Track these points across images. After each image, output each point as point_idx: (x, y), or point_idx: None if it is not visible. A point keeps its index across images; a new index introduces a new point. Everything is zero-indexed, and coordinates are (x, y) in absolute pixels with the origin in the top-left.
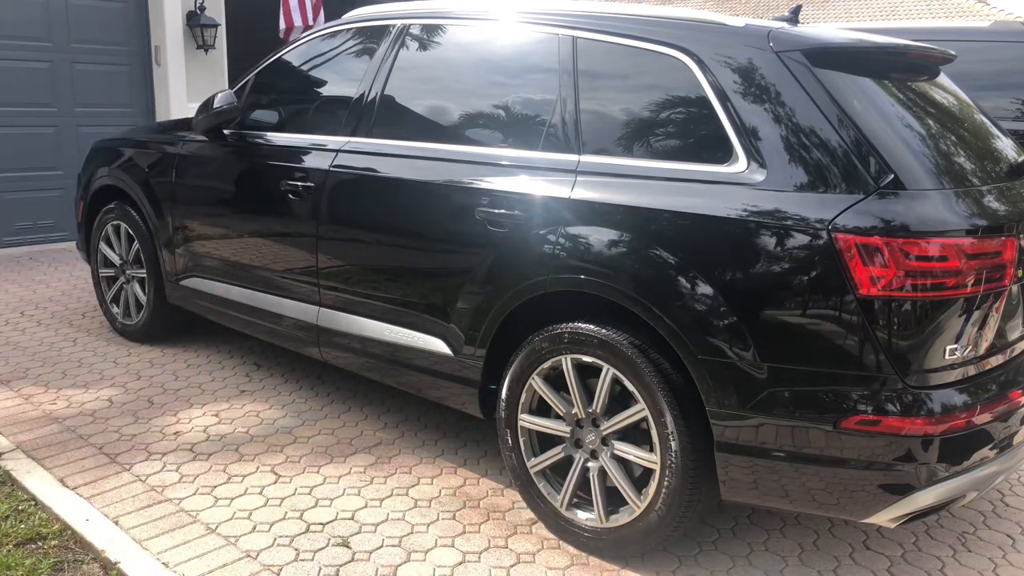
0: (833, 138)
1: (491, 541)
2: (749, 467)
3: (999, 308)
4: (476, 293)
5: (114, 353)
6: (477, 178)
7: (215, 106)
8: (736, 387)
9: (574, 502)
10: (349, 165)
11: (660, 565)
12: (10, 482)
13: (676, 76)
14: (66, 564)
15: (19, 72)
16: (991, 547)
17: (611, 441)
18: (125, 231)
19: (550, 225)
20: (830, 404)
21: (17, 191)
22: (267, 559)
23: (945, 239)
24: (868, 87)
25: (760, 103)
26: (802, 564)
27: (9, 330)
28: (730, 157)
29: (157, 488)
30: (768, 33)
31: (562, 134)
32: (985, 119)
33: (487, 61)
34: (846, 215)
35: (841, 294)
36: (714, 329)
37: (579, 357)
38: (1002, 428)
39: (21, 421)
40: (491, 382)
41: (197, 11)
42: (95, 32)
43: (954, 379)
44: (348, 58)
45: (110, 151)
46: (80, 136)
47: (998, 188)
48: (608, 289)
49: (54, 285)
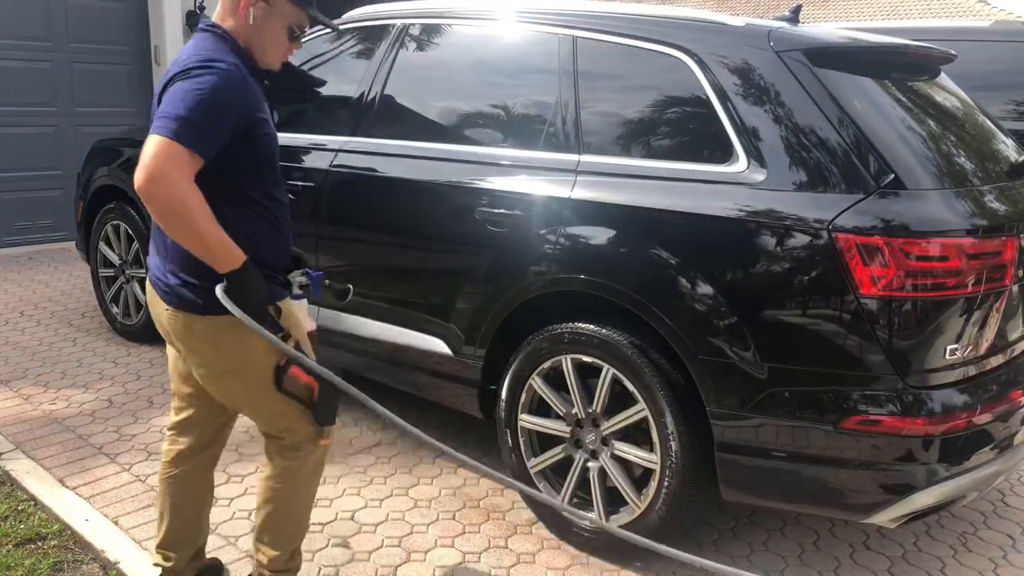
0: (833, 138)
1: (491, 541)
2: (749, 467)
3: (999, 308)
4: (476, 293)
5: (114, 353)
6: (477, 178)
7: None
8: (736, 387)
9: (574, 502)
10: (349, 165)
11: (660, 565)
12: (10, 482)
13: (676, 76)
14: (66, 564)
15: (19, 72)
16: (991, 547)
17: (611, 441)
18: (125, 231)
19: (550, 225)
20: (830, 404)
21: (17, 191)
22: None
23: (946, 239)
24: (868, 87)
25: (760, 103)
26: (802, 564)
27: (9, 330)
28: (730, 157)
29: (157, 488)
30: (768, 33)
31: (562, 134)
32: (985, 119)
33: (487, 61)
34: (846, 215)
35: (841, 294)
36: (714, 329)
37: (579, 357)
38: (1002, 428)
39: (21, 421)
40: (491, 382)
41: (197, 11)
42: (95, 32)
43: (954, 379)
44: (348, 58)
45: (110, 151)
46: (80, 136)
47: (998, 188)
48: (608, 289)
49: (54, 285)
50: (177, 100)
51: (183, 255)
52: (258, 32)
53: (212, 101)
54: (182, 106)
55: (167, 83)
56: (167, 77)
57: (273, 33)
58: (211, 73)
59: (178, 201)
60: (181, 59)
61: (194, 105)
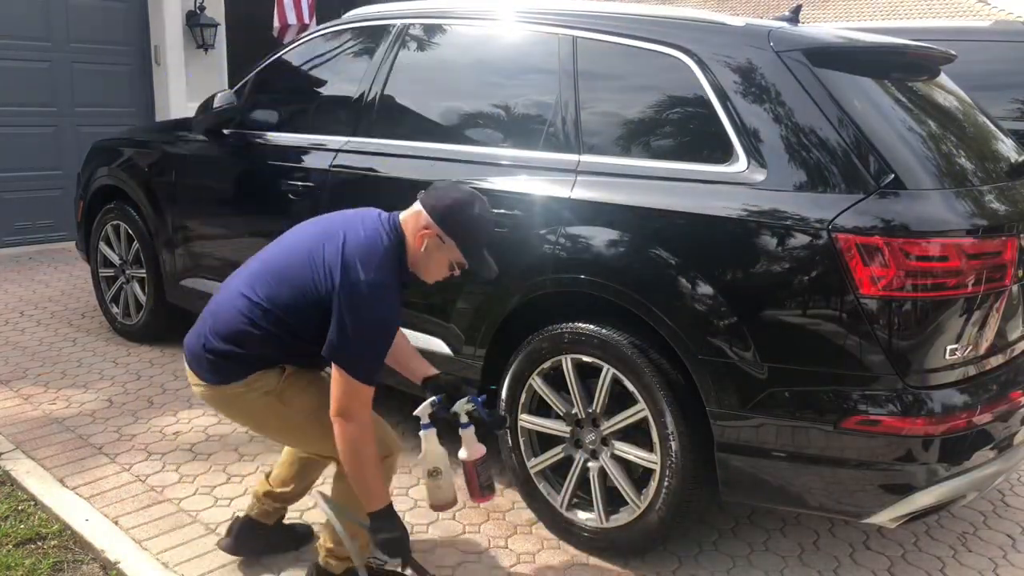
0: (833, 138)
1: (491, 541)
2: (749, 467)
3: (999, 308)
4: (476, 293)
5: (114, 353)
6: (477, 178)
7: (215, 106)
8: (736, 387)
9: (574, 502)
10: (349, 165)
11: (660, 565)
12: (10, 482)
13: (676, 76)
14: (66, 564)
15: (19, 72)
16: (991, 547)
17: (611, 441)
18: (125, 231)
19: (550, 225)
20: (830, 404)
21: (17, 191)
22: (267, 559)
23: (945, 239)
24: (868, 87)
25: (760, 103)
26: (802, 564)
27: (9, 330)
28: (730, 157)
29: (157, 488)
30: (768, 33)
31: (562, 134)
32: (985, 119)
33: (487, 61)
34: (846, 215)
35: (841, 294)
36: (714, 329)
37: (579, 357)
38: (1002, 428)
39: (21, 421)
40: (491, 382)
41: (197, 11)
42: (95, 32)
43: (954, 379)
44: (348, 58)
45: (110, 151)
46: (80, 136)
47: (998, 188)
48: (608, 289)
49: (54, 285)
50: (358, 333)
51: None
52: (427, 259)
53: (385, 337)
54: (363, 343)
55: (343, 268)
56: (339, 253)
57: (438, 263)
58: (382, 302)
59: (363, 440)
60: (366, 252)
61: (371, 341)
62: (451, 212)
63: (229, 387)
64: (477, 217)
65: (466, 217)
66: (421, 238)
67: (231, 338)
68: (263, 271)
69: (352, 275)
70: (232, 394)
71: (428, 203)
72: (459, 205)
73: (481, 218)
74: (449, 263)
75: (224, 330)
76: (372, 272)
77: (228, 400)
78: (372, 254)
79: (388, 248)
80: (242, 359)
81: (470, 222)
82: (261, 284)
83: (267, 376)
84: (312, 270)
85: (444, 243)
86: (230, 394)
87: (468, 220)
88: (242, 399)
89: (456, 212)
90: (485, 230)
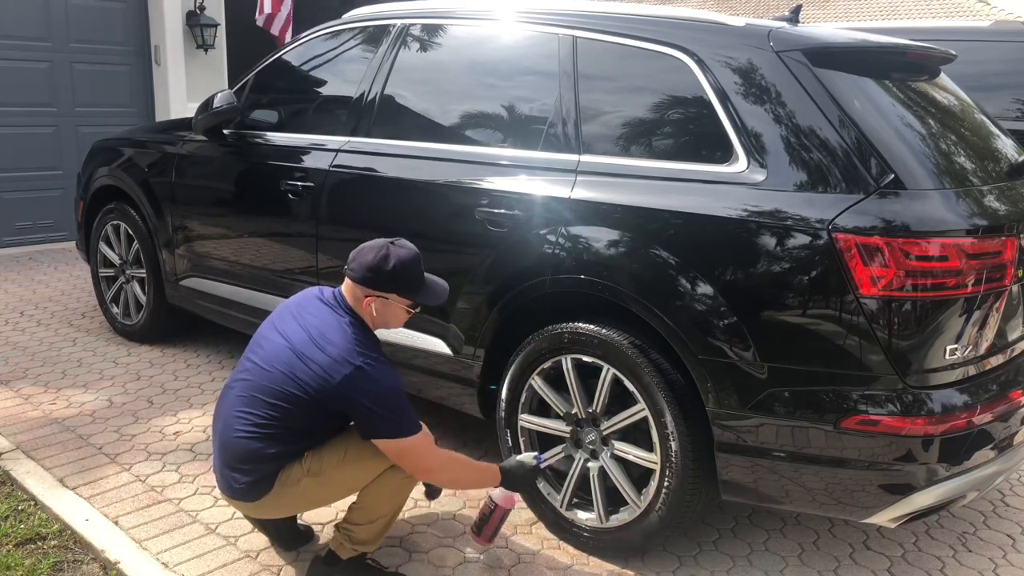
0: (833, 138)
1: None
2: (749, 467)
3: (999, 308)
4: (476, 293)
5: (114, 353)
6: (477, 178)
7: (215, 106)
8: (736, 387)
9: (574, 502)
10: (349, 165)
11: (660, 565)
12: (10, 482)
13: (676, 76)
14: (66, 564)
15: (19, 72)
16: (991, 547)
17: (611, 441)
18: (125, 231)
19: (550, 225)
20: (830, 404)
21: (17, 191)
22: (266, 559)
23: (945, 239)
24: (868, 87)
25: (760, 103)
26: (802, 564)
27: (9, 330)
28: (730, 157)
29: (157, 488)
30: (768, 33)
31: (562, 134)
32: (985, 119)
33: (487, 61)
34: (846, 215)
35: (841, 294)
36: (714, 329)
37: (579, 357)
38: (1002, 428)
39: (21, 421)
40: (491, 382)
41: (197, 11)
42: (94, 32)
43: (954, 379)
44: (348, 58)
45: (110, 151)
46: (80, 136)
47: (998, 188)
48: (608, 289)
49: (54, 285)
50: (381, 407)
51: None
52: (382, 318)
53: (400, 395)
54: (389, 412)
55: (345, 376)
56: (322, 355)
57: (395, 315)
58: (382, 372)
59: (447, 474)
60: (340, 344)
61: (394, 406)
62: (376, 274)
63: (267, 497)
64: (398, 266)
65: (389, 271)
66: (367, 305)
67: (252, 465)
68: (251, 389)
69: (344, 369)
70: (272, 498)
71: (355, 275)
72: (378, 264)
73: (402, 264)
74: (403, 310)
75: (243, 460)
76: (357, 357)
77: (272, 504)
78: (347, 341)
79: (353, 328)
80: (268, 472)
81: (395, 273)
82: (254, 406)
83: (291, 469)
84: (299, 382)
85: (388, 299)
86: (269, 501)
87: (393, 273)
88: (281, 496)
89: (379, 271)
90: (412, 271)
